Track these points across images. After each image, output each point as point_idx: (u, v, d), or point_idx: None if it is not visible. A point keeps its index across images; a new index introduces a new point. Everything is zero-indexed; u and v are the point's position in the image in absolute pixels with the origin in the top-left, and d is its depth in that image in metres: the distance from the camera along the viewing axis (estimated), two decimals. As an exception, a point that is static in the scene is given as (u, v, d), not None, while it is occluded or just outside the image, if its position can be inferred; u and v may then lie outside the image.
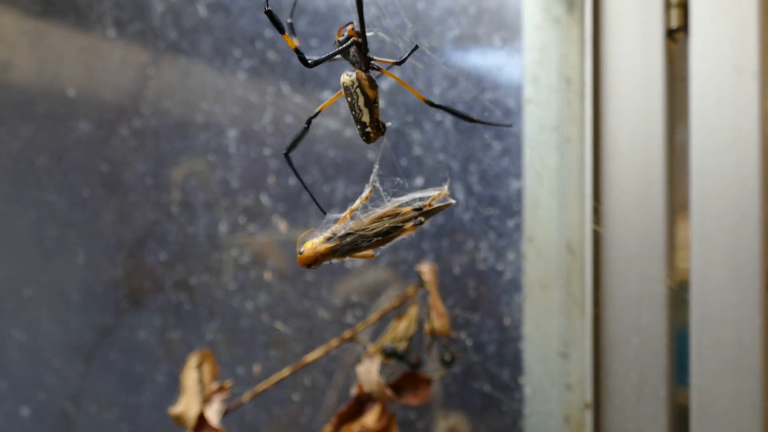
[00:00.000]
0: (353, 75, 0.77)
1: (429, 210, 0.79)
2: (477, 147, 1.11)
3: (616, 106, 1.01)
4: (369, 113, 0.77)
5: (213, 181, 1.24)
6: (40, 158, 1.35)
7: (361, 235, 0.77)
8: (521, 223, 1.08)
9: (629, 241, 1.00)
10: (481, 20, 1.11)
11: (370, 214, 0.78)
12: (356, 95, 0.76)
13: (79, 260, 1.34)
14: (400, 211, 0.78)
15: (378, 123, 0.78)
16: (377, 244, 0.78)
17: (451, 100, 1.11)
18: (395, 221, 0.77)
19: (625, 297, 1.00)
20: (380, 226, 0.77)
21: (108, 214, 1.32)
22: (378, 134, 0.79)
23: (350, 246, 0.77)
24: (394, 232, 0.78)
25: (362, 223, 0.77)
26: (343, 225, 0.78)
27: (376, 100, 0.77)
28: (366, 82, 0.76)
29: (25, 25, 1.36)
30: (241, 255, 1.24)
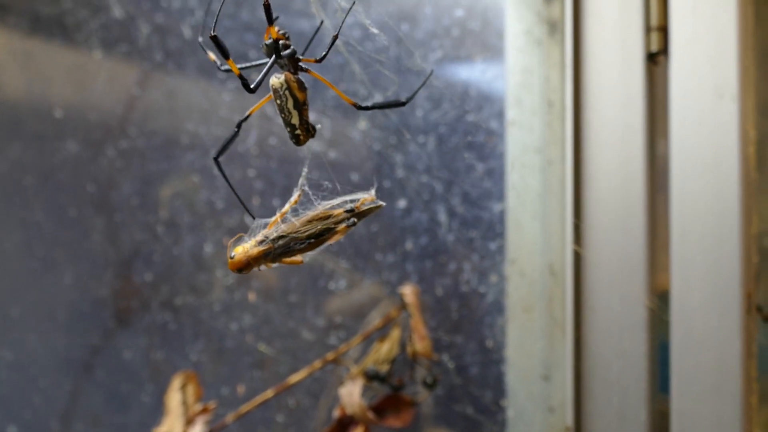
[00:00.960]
0: (282, 77, 0.77)
1: (361, 211, 0.80)
2: (460, 168, 1.13)
3: (597, 129, 1.03)
4: (298, 115, 0.78)
5: (198, 202, 1.26)
6: (28, 178, 1.38)
7: (294, 237, 0.77)
8: (504, 245, 1.10)
9: (610, 264, 1.01)
10: (464, 42, 1.13)
11: (302, 217, 0.79)
12: (285, 97, 0.77)
13: (66, 280, 1.36)
14: (331, 214, 0.79)
15: (308, 125, 0.79)
16: (310, 247, 0.79)
17: (434, 121, 1.13)
18: (327, 223, 0.78)
19: (606, 319, 1.01)
20: (312, 228, 0.78)
21: (95, 234, 1.34)
22: (308, 136, 0.80)
23: (283, 249, 0.77)
24: (327, 234, 0.78)
25: (294, 226, 0.78)
26: (275, 228, 0.78)
27: (305, 102, 0.78)
28: (295, 84, 0.77)
29: (13, 44, 1.38)
30: (226, 276, 1.25)
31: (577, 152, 1.04)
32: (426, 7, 1.14)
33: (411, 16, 1.14)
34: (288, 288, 1.22)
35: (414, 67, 1.12)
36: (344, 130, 1.17)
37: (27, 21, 1.38)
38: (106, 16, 1.30)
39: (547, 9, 1.07)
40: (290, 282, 1.22)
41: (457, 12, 1.13)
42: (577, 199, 1.04)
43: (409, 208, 1.15)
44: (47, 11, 1.35)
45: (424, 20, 1.14)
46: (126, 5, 1.29)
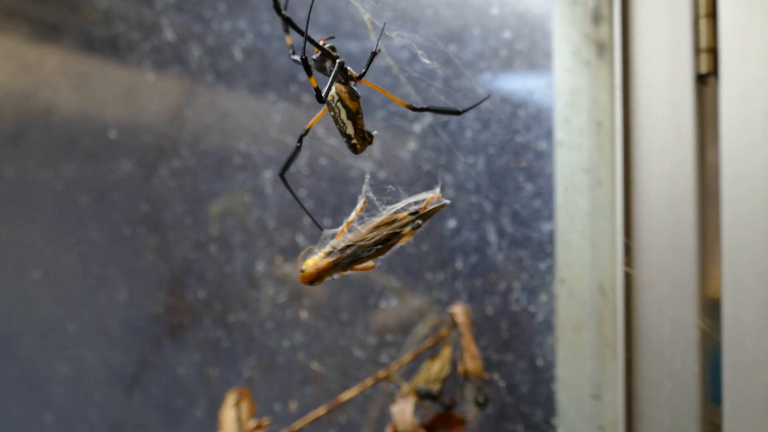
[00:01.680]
0: (333, 90, 0.78)
1: (425, 212, 0.81)
2: (509, 189, 1.15)
3: (646, 150, 1.04)
4: (353, 125, 0.79)
5: (250, 221, 1.30)
6: (83, 197, 1.43)
7: (361, 245, 0.79)
8: (553, 264, 1.12)
9: (661, 284, 1.03)
10: (512, 63, 1.15)
11: (367, 225, 0.80)
12: (338, 109, 0.78)
13: (120, 296, 1.41)
14: (396, 218, 0.80)
15: (363, 134, 0.80)
16: (377, 254, 0.80)
17: (483, 141, 1.16)
18: (393, 228, 0.80)
19: (657, 340, 1.03)
20: (378, 234, 0.79)
21: (148, 252, 1.38)
22: (364, 145, 0.81)
23: (351, 258, 0.79)
24: (393, 239, 0.80)
25: (360, 234, 0.80)
26: (342, 238, 0.80)
27: (359, 111, 0.79)
28: (346, 95, 0.78)
29: (67, 66, 1.43)
30: (278, 294, 1.29)
31: (627, 172, 1.05)
32: (474, 29, 1.16)
33: (459, 38, 1.17)
34: (339, 306, 1.26)
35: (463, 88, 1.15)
36: (394, 151, 1.20)
37: (81, 43, 1.42)
38: (158, 38, 1.35)
39: (595, 30, 1.09)
40: (341, 300, 1.26)
41: (504, 33, 1.15)
42: (627, 219, 1.05)
43: (459, 228, 1.18)
44: (101, 33, 1.40)
45: (471, 41, 1.17)
46: (178, 27, 1.33)
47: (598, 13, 1.08)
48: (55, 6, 1.44)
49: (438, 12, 1.18)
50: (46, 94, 1.45)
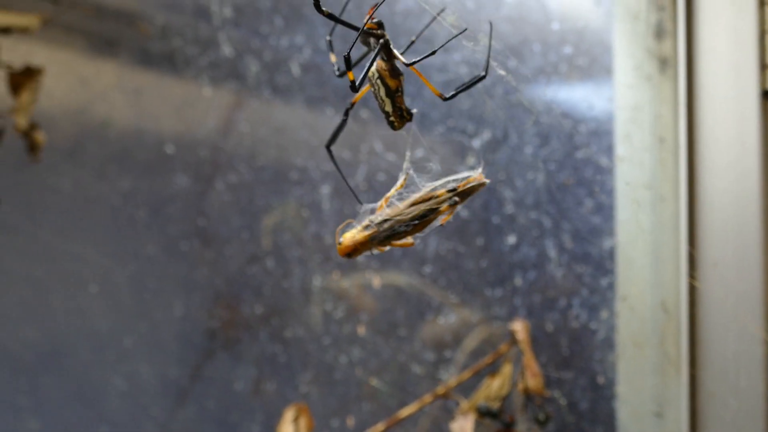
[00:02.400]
0: (374, 66, 0.78)
1: (463, 190, 0.81)
2: (569, 204, 1.16)
3: (711, 166, 1.05)
4: (391, 103, 0.79)
5: (307, 236, 1.32)
6: (139, 212, 1.46)
7: (398, 220, 0.80)
8: (614, 281, 1.13)
9: (726, 300, 1.03)
10: (572, 78, 1.17)
11: (405, 200, 0.81)
12: (377, 86, 0.79)
13: (176, 311, 1.44)
14: (434, 194, 0.80)
15: (402, 111, 0.80)
16: (415, 230, 0.81)
17: (543, 157, 1.17)
18: (431, 204, 0.80)
19: (722, 357, 1.03)
20: (416, 210, 0.80)
21: (204, 266, 1.41)
22: (402, 123, 0.81)
23: (388, 232, 0.80)
24: (431, 215, 0.80)
25: (398, 209, 0.80)
26: (380, 212, 0.81)
27: (398, 89, 0.79)
28: (386, 72, 0.78)
29: (124, 80, 1.47)
30: (335, 309, 1.31)
31: (691, 189, 1.06)
32: (534, 44, 1.18)
33: (518, 53, 1.18)
34: (396, 321, 1.27)
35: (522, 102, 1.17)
36: (452, 166, 1.22)
37: (137, 57, 1.46)
38: (215, 54, 1.38)
39: (657, 45, 1.10)
40: (398, 315, 1.27)
41: (564, 49, 1.16)
42: (692, 234, 1.06)
43: (518, 244, 1.19)
44: (157, 48, 1.43)
45: (531, 56, 1.18)
46: (235, 43, 1.36)
47: (660, 27, 1.09)
48: (112, 21, 1.47)
49: (497, 27, 1.20)
50: (102, 109, 1.49)
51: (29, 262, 1.56)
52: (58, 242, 1.53)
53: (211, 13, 1.36)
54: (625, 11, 1.11)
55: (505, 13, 1.19)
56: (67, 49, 1.52)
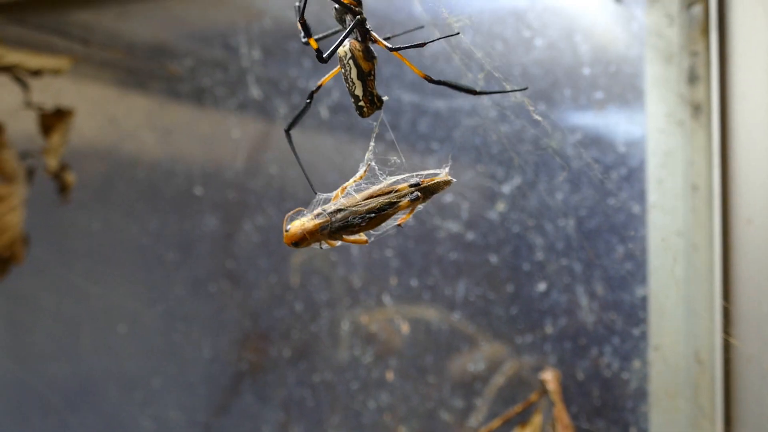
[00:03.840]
0: (347, 45, 0.76)
1: (427, 186, 0.78)
2: (600, 250, 1.18)
3: (746, 215, 1.05)
4: (362, 86, 0.76)
5: (335, 279, 1.34)
6: (168, 252, 1.49)
7: (353, 211, 0.76)
8: (647, 330, 1.14)
9: (763, 355, 1.04)
10: (603, 122, 1.18)
11: (364, 191, 0.78)
12: (349, 67, 0.76)
13: (204, 353, 1.47)
14: (395, 188, 0.77)
15: (373, 96, 0.77)
16: (371, 224, 0.77)
17: (574, 204, 1.18)
18: (390, 197, 0.77)
19: (759, 414, 1.03)
20: (374, 202, 0.76)
21: (233, 308, 1.44)
22: (372, 109, 0.78)
23: (341, 223, 0.76)
24: (389, 209, 0.77)
25: (354, 199, 0.77)
26: (334, 202, 0.78)
27: (371, 72, 0.76)
28: (360, 53, 0.75)
29: (153, 120, 1.51)
30: (364, 354, 1.33)
31: (725, 239, 1.07)
32: (564, 88, 1.19)
33: (548, 97, 1.20)
34: (425, 367, 1.29)
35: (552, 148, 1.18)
36: (482, 212, 1.24)
37: (167, 97, 1.50)
38: (244, 95, 1.41)
39: (690, 91, 1.11)
40: (426, 361, 1.29)
41: (596, 94, 1.18)
42: (726, 285, 1.07)
43: (549, 290, 1.20)
44: (187, 88, 1.47)
45: (562, 101, 1.20)
46: (263, 84, 1.39)
47: (693, 73, 1.11)
48: (142, 61, 1.51)
49: (527, 71, 1.22)
50: (131, 148, 1.53)
51: (59, 301, 1.60)
52: (88, 281, 1.57)
53: (240, 54, 1.40)
54: (658, 56, 1.13)
55: (535, 56, 1.21)
56: (97, 89, 1.56)
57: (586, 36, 1.18)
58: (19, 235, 1.46)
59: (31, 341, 1.64)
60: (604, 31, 1.18)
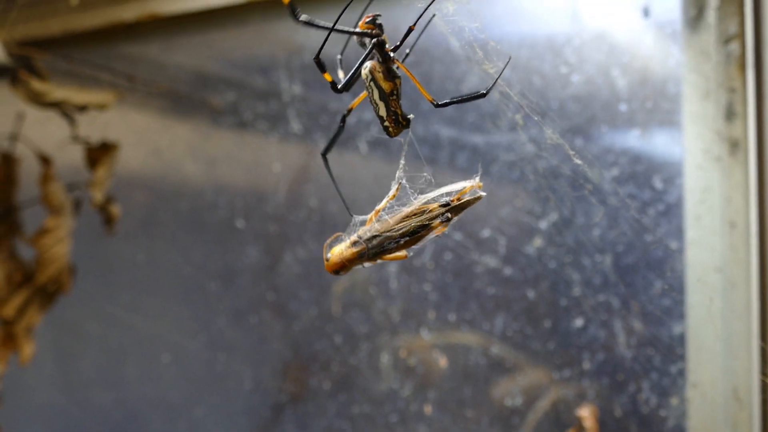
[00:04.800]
0: (368, 67, 0.77)
1: (457, 205, 0.79)
2: (638, 286, 1.20)
3: (783, 252, 1.07)
4: (385, 106, 0.77)
5: (375, 312, 1.38)
6: (211, 283, 1.55)
7: (388, 236, 0.79)
8: (685, 367, 1.16)
9: (801, 393, 1.05)
10: (640, 158, 1.21)
11: (396, 214, 0.79)
12: (371, 88, 0.77)
13: (246, 384, 1.51)
14: (427, 208, 0.79)
15: (397, 116, 0.78)
16: (406, 245, 0.79)
17: (611, 239, 1.21)
18: (422, 219, 0.79)
19: (796, 452, 1.05)
20: (407, 225, 0.78)
21: (274, 340, 1.49)
22: (398, 129, 0.79)
23: (377, 249, 0.79)
24: (422, 231, 0.79)
25: (388, 224, 0.79)
26: (369, 227, 0.80)
27: (393, 92, 0.77)
28: (380, 74, 0.77)
29: (196, 153, 1.56)
30: (402, 387, 1.37)
31: (763, 277, 1.08)
32: (601, 124, 1.22)
33: (585, 132, 1.23)
34: (463, 400, 1.32)
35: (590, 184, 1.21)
36: (519, 247, 1.27)
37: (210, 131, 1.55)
38: (285, 129, 1.46)
39: (727, 127, 1.13)
40: (465, 394, 1.32)
41: (633, 130, 1.21)
42: (764, 323, 1.08)
43: (586, 326, 1.23)
44: (229, 122, 1.52)
45: (599, 136, 1.23)
46: (304, 119, 1.44)
47: (730, 109, 1.13)
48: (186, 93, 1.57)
49: (564, 106, 1.25)
50: (175, 179, 1.59)
51: (105, 330, 1.66)
52: (133, 311, 1.63)
53: (281, 88, 1.45)
54: (695, 92, 1.15)
55: (572, 91, 1.24)
56: (143, 121, 1.62)
57: (624, 71, 1.21)
58: (66, 266, 1.52)
59: (78, 370, 1.70)
60: (642, 67, 1.21)
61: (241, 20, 1.50)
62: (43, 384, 1.73)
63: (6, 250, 1.57)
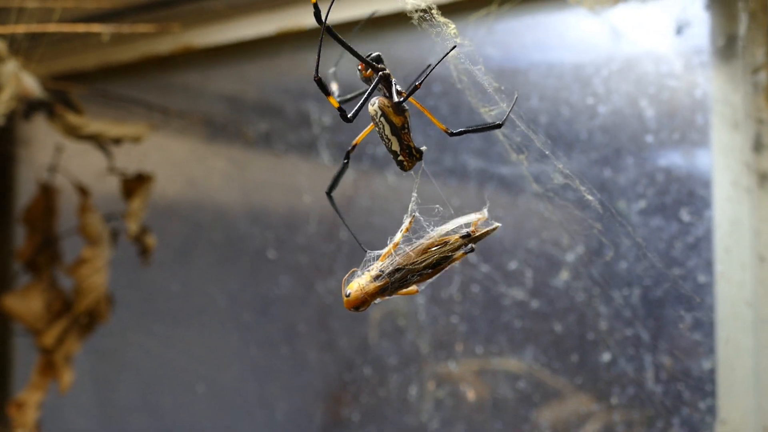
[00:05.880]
0: (376, 104, 0.78)
1: (478, 236, 0.81)
2: (667, 320, 1.21)
3: (813, 287, 1.08)
4: (398, 141, 0.79)
5: (405, 344, 1.41)
6: (244, 314, 1.59)
7: (410, 269, 0.79)
8: (714, 403, 1.16)
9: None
10: (668, 190, 1.22)
11: (416, 246, 0.80)
12: (381, 125, 0.79)
13: (278, 415, 1.55)
14: (447, 240, 0.80)
15: (410, 149, 0.80)
16: (426, 277, 0.80)
17: (639, 273, 1.22)
18: (444, 251, 0.79)
19: (828, 491, 1.05)
20: (429, 257, 0.79)
21: (306, 371, 1.52)
22: (412, 162, 0.81)
23: (400, 282, 0.79)
24: (444, 263, 0.80)
25: (410, 257, 0.79)
26: (389, 261, 0.80)
27: (404, 126, 0.79)
28: (389, 110, 0.78)
29: (230, 183, 1.61)
30: (431, 420, 1.39)
31: (793, 312, 1.09)
32: (628, 156, 1.24)
33: (613, 162, 1.25)
34: (492, 434, 1.34)
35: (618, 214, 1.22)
36: (546, 280, 1.28)
37: (243, 161, 1.60)
38: (315, 160, 1.50)
39: (756, 159, 1.13)
40: (494, 427, 1.34)
41: (660, 161, 1.22)
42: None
43: (615, 360, 1.24)
44: (262, 152, 1.57)
45: (626, 167, 1.24)
46: (334, 150, 1.48)
47: (759, 140, 1.13)
48: (220, 124, 1.62)
49: (593, 136, 1.26)
50: (210, 209, 1.64)
51: (141, 359, 1.72)
52: (168, 340, 1.68)
53: (312, 120, 1.49)
54: (723, 123, 1.16)
55: (600, 122, 1.26)
56: (179, 151, 1.68)
57: (652, 102, 1.22)
58: (103, 296, 1.58)
59: (116, 396, 1.76)
60: (670, 98, 1.22)
61: (273, 52, 1.54)
62: (81, 411, 1.79)
63: (47, 280, 1.64)
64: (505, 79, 1.33)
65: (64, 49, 1.69)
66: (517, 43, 1.33)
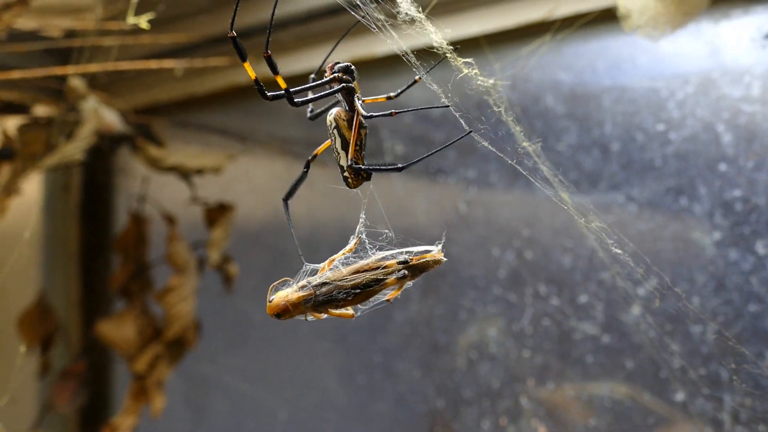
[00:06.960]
0: (333, 114, 0.76)
1: (416, 264, 0.78)
2: (747, 358, 1.16)
3: None
4: (346, 156, 0.76)
5: (478, 378, 1.41)
6: (323, 343, 1.62)
7: (338, 285, 0.77)
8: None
9: None
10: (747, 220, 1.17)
11: (351, 266, 0.78)
12: (334, 136, 0.76)
13: (356, 446, 1.58)
14: (383, 264, 0.78)
15: (358, 169, 0.76)
16: (356, 299, 0.78)
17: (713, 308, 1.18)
18: (377, 274, 0.77)
19: None
20: (360, 278, 0.77)
21: (382, 401, 1.54)
22: (358, 180, 0.78)
23: (325, 297, 0.77)
24: (375, 286, 0.77)
25: (340, 273, 0.78)
26: (320, 274, 0.78)
27: (357, 143, 0.76)
28: (344, 122, 0.75)
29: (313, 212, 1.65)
30: (503, 455, 1.39)
31: None
32: (701, 186, 1.20)
33: (688, 191, 1.21)
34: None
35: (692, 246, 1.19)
36: (617, 314, 1.26)
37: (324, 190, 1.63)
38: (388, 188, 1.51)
39: (838, 188, 1.09)
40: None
41: (734, 190, 1.17)
42: None
43: (691, 399, 1.21)
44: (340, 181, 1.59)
45: (700, 196, 1.20)
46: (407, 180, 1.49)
47: (841, 168, 1.09)
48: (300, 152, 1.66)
49: (667, 162, 1.23)
50: (292, 237, 1.68)
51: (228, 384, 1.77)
52: (253, 366, 1.73)
53: (384, 148, 1.50)
54: (803, 149, 1.12)
55: (672, 150, 1.23)
56: (261, 181, 1.73)
57: (728, 127, 1.19)
58: (191, 323, 1.64)
59: (206, 419, 1.82)
60: (747, 122, 1.17)
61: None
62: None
63: (139, 306, 1.71)
64: (578, 104, 1.31)
65: (145, 83, 1.76)
66: (589, 67, 1.31)
